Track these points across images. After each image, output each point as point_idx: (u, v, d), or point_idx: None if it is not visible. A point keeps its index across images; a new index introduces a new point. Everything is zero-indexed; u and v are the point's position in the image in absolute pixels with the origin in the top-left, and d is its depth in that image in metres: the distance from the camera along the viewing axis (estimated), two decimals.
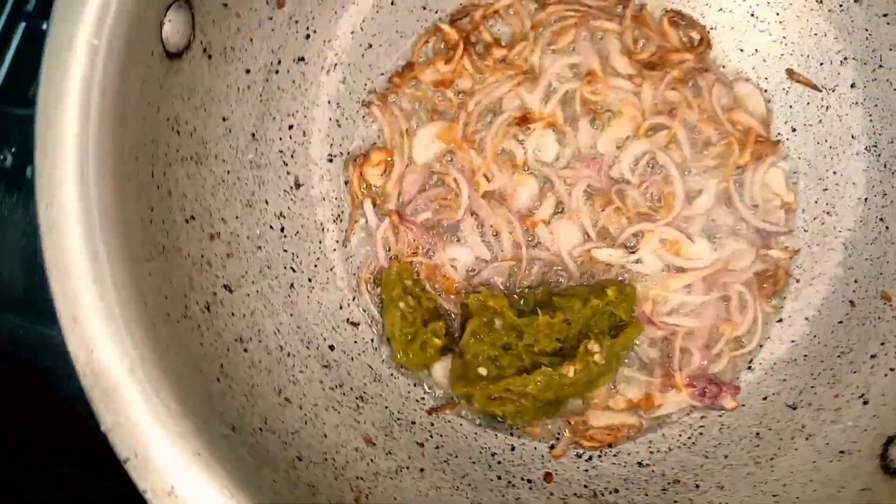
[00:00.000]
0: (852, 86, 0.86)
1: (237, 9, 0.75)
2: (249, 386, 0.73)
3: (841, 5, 0.84)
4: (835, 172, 0.88)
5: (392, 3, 0.86)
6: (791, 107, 0.89)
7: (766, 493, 0.79)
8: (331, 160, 0.86)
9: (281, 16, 0.80)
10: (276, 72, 0.81)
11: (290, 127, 0.83)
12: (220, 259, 0.75)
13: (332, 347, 0.83)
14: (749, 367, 0.88)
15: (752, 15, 0.88)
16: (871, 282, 0.84)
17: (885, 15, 0.81)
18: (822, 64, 0.87)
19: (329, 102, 0.85)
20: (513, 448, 0.85)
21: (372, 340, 0.86)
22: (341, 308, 0.85)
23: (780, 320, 0.88)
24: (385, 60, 0.87)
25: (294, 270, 0.83)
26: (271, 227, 0.82)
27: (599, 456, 0.85)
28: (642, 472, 0.84)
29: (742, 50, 0.89)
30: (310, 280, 0.84)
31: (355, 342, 0.85)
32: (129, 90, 0.64)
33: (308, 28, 0.83)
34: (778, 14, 0.87)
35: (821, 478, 0.78)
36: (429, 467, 0.81)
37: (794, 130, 0.89)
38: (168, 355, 0.64)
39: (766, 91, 0.89)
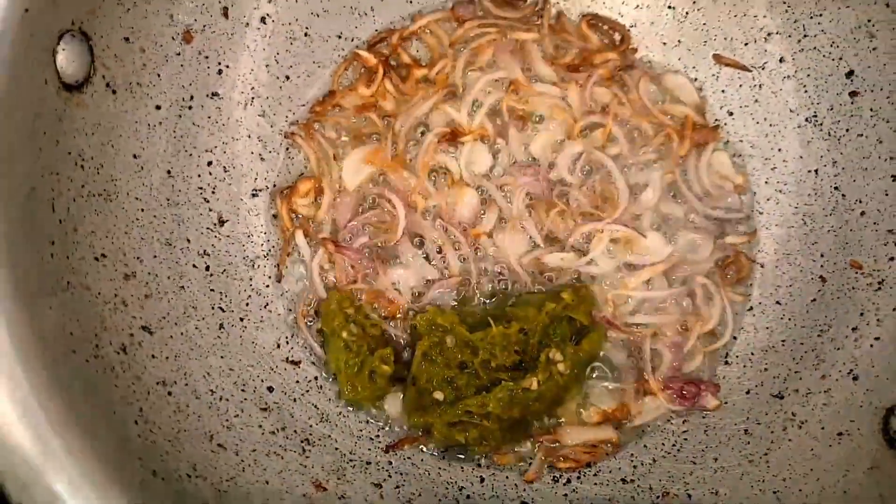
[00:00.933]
0: (781, 60, 0.84)
1: (141, 44, 0.73)
2: (175, 431, 0.66)
3: None
4: (780, 150, 0.84)
5: (305, 35, 0.85)
6: (724, 91, 0.86)
7: (767, 491, 0.72)
8: (256, 195, 0.82)
9: (189, 51, 0.78)
10: (190, 108, 0.78)
11: (209, 163, 0.80)
12: (136, 300, 0.70)
13: (270, 389, 0.76)
14: (726, 362, 0.81)
15: (670, 7, 0.87)
16: (838, 253, 0.79)
17: None
18: (746, 44, 0.85)
19: (249, 136, 0.82)
20: (482, 479, 0.77)
21: (316, 378, 0.79)
22: (279, 346, 0.79)
23: (751, 308, 0.83)
24: (305, 91, 0.85)
25: (223, 310, 0.77)
26: (195, 265, 0.76)
27: (579, 477, 0.77)
28: (627, 488, 0.76)
29: (665, 43, 0.88)
30: (241, 319, 0.78)
31: (297, 382, 0.78)
32: (19, 118, 0.61)
33: (220, 63, 0.80)
34: (695, 2, 0.86)
35: (822, 465, 0.71)
36: None
37: (731, 114, 0.86)
38: (71, 393, 0.58)
39: (696, 80, 0.87)
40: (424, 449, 0.78)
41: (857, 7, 0.77)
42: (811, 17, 0.81)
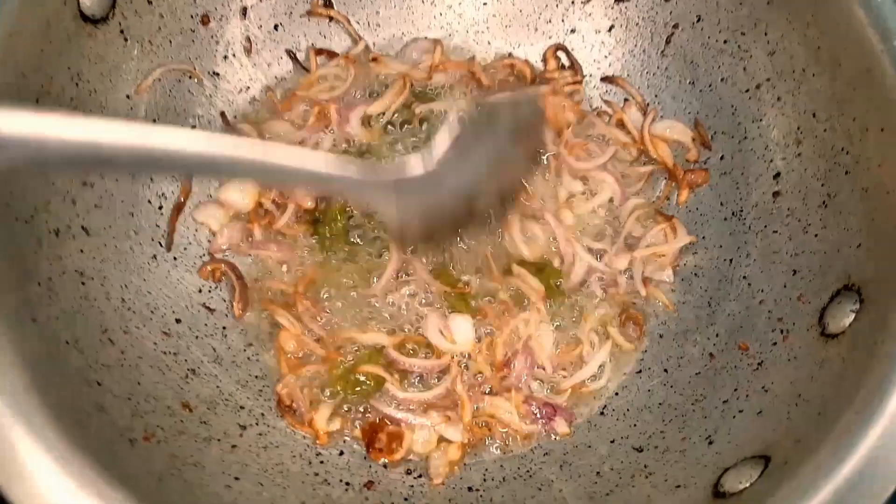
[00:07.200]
0: (721, 158, 0.91)
1: (161, 11, 0.86)
2: (73, 309, 0.72)
3: (710, 85, 0.91)
4: (704, 237, 0.90)
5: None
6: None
7: None
8: None
9: (203, 31, 0.91)
10: (190, 77, 0.90)
11: (193, 126, 0.91)
12: (86, 204, 0.78)
13: (178, 321, 0.83)
14: (602, 413, 0.84)
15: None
16: (732, 335, 0.83)
17: (746, 91, 0.88)
18: (694, 140, 0.93)
19: (235, 117, 0.94)
20: (341, 453, 0.81)
21: (224, 328, 0.85)
22: (200, 292, 0.86)
23: (640, 371, 0.86)
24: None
25: (161, 245, 0.85)
26: (149, 202, 0.86)
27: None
28: (470, 496, 0.78)
29: None
30: (175, 259, 0.86)
31: (205, 325, 0.85)
32: (35, 17, 0.72)
33: (227, 51, 0.93)
34: (656, 96, 0.95)
35: None
36: (243, 447, 0.77)
37: (668, 200, 0.93)
38: None
39: None
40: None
41: (791, 115, 0.84)
42: (752, 121, 0.88)
